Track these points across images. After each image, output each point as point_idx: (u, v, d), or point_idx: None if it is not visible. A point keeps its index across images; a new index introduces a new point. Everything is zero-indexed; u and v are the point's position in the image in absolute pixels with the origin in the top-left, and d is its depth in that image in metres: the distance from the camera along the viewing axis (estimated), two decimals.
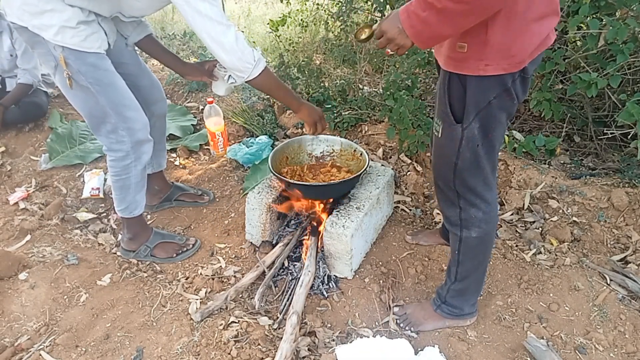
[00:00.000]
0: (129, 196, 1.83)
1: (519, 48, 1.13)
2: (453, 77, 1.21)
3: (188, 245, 2.02)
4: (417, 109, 2.33)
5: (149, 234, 1.99)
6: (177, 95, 3.41)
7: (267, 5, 5.67)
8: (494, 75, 1.15)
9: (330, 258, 1.82)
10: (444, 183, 1.40)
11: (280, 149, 2.04)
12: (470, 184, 1.35)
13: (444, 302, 1.60)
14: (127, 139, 1.70)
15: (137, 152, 1.75)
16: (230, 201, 2.33)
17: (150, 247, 1.97)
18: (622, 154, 2.34)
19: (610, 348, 1.55)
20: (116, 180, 1.79)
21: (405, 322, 1.65)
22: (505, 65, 1.14)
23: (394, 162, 2.49)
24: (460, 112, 1.24)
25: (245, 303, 1.75)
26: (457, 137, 1.26)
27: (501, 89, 1.18)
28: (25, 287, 1.81)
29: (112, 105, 1.64)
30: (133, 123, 1.70)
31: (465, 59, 1.16)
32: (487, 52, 1.12)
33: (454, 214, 1.42)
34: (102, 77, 1.60)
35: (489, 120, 1.24)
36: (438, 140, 1.33)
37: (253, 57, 1.55)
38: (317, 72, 3.10)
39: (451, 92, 1.23)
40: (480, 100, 1.20)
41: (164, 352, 1.56)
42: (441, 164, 1.37)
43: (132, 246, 1.97)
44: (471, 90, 1.19)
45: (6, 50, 2.91)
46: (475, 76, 1.16)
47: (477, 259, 1.50)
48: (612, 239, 1.96)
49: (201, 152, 2.82)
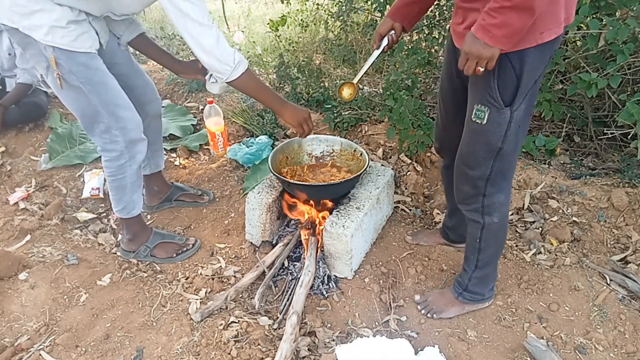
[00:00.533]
0: (126, 196, 1.83)
1: (565, 7, 1.17)
2: (503, 59, 1.20)
3: (188, 245, 2.02)
4: (417, 109, 2.33)
5: (148, 234, 1.98)
6: (177, 95, 3.41)
7: (267, 5, 5.67)
8: (548, 41, 1.18)
9: (330, 258, 1.82)
10: (476, 171, 1.40)
11: (280, 149, 2.04)
12: (504, 168, 1.38)
13: (466, 289, 1.63)
14: (120, 138, 1.69)
15: (131, 152, 1.74)
16: (230, 201, 2.33)
17: (150, 247, 1.96)
18: (622, 154, 2.34)
19: (610, 348, 1.55)
20: (112, 181, 1.79)
21: (426, 309, 1.68)
22: (556, 28, 1.18)
23: (394, 162, 2.49)
24: (509, 94, 1.25)
25: (245, 303, 1.75)
26: (506, 121, 1.28)
27: (548, 57, 1.23)
28: (25, 287, 1.81)
29: (104, 104, 1.63)
30: (126, 122, 1.69)
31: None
32: (541, 20, 1.14)
33: (476, 201, 1.44)
34: (94, 76, 1.59)
35: (533, 97, 1.29)
36: (480, 128, 1.32)
37: (233, 59, 1.55)
38: (317, 72, 3.10)
39: (501, 74, 1.23)
40: (533, 74, 1.23)
41: (164, 352, 1.56)
42: (480, 152, 1.36)
43: (132, 247, 1.96)
44: (528, 65, 1.21)
45: (5, 49, 2.91)
46: (533, 47, 1.18)
47: (497, 243, 1.55)
48: (612, 239, 1.96)
49: (201, 152, 2.82)
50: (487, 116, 1.30)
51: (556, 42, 1.23)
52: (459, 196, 1.51)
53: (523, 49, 1.19)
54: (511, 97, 1.26)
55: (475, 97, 1.32)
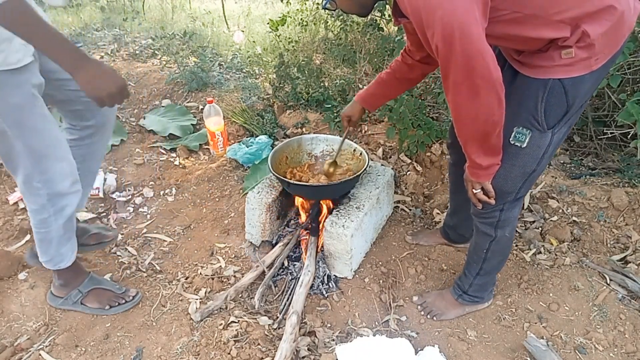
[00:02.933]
0: (51, 249, 1.58)
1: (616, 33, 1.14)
2: (555, 83, 1.15)
3: (127, 296, 1.75)
4: (417, 109, 2.33)
5: (83, 277, 1.74)
6: (177, 95, 3.41)
7: (267, 5, 5.67)
8: (604, 63, 1.14)
9: (330, 258, 1.82)
10: (504, 191, 1.35)
11: (279, 148, 2.03)
12: (529, 187, 1.37)
13: (465, 292, 1.64)
14: (42, 191, 1.45)
15: (56, 206, 1.49)
16: (230, 201, 2.33)
17: (83, 292, 1.71)
18: (622, 154, 2.34)
19: (610, 348, 1.55)
20: (35, 232, 1.56)
21: (426, 310, 1.68)
22: (607, 51, 1.13)
23: (394, 161, 2.49)
24: (555, 119, 1.20)
25: (245, 303, 1.75)
26: (546, 144, 1.24)
27: (602, 78, 1.20)
28: (24, 287, 1.81)
29: (30, 152, 1.37)
30: (53, 174, 1.43)
31: (575, 62, 1.13)
32: (596, 48, 1.11)
33: (493, 215, 1.42)
34: (24, 119, 1.31)
35: (576, 117, 1.26)
36: (518, 151, 1.26)
37: None
38: (317, 72, 3.10)
39: (550, 100, 1.18)
40: (585, 98, 1.20)
41: (163, 352, 1.56)
42: (511, 175, 1.30)
43: (62, 292, 1.71)
44: (583, 91, 1.17)
45: None
46: (588, 74, 1.13)
47: (503, 254, 1.55)
48: (612, 238, 1.96)
49: (201, 152, 2.82)
50: (529, 139, 1.23)
51: (615, 57, 1.17)
52: (475, 209, 1.46)
53: (579, 76, 1.13)
54: (556, 120, 1.21)
55: (515, 119, 1.23)
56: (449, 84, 1.10)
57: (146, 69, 3.72)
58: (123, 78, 1.20)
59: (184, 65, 3.48)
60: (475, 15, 0.99)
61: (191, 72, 3.34)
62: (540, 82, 1.17)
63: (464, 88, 1.07)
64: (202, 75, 3.35)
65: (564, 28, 1.08)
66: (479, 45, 1.00)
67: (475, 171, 1.29)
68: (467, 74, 1.04)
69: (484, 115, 1.11)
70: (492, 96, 1.08)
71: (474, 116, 1.12)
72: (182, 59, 3.63)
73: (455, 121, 1.19)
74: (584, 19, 1.07)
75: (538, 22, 1.08)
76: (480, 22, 1.00)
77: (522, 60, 1.22)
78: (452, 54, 1.02)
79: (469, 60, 1.02)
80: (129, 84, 3.57)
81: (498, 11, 1.07)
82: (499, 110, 1.11)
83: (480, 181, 1.31)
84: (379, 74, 1.65)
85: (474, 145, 1.22)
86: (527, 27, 1.10)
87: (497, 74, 1.06)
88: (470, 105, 1.10)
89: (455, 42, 0.99)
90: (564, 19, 1.07)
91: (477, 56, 1.01)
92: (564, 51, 1.12)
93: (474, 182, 1.33)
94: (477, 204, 1.39)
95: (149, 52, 4.13)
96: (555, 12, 1.06)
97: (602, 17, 1.07)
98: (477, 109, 1.11)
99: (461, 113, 1.15)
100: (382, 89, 1.67)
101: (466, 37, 0.98)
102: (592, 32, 1.07)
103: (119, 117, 3.20)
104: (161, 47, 4.15)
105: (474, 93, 1.07)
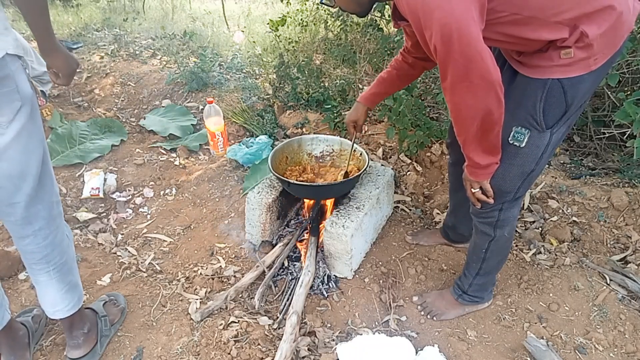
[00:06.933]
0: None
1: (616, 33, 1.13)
2: (554, 83, 1.15)
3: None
4: (417, 109, 2.33)
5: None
6: (177, 95, 3.41)
7: (267, 5, 5.67)
8: (605, 62, 1.14)
9: (330, 258, 1.82)
10: (503, 190, 1.36)
11: (279, 149, 2.04)
12: (529, 187, 1.37)
13: (465, 292, 1.64)
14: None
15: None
16: (230, 201, 2.33)
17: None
18: (622, 154, 2.34)
19: (610, 348, 1.55)
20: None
21: (426, 310, 1.69)
22: (606, 51, 1.13)
23: (394, 162, 2.49)
24: (554, 118, 1.20)
25: (245, 303, 1.75)
26: (544, 144, 1.24)
27: (602, 77, 1.19)
28: (25, 287, 1.81)
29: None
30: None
31: (574, 62, 1.13)
32: (595, 48, 1.11)
33: (492, 215, 1.42)
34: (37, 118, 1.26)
35: (575, 117, 1.26)
36: (517, 151, 1.27)
37: None
38: (317, 72, 3.10)
39: (549, 99, 1.17)
40: (585, 98, 1.20)
41: (163, 352, 1.56)
42: (510, 175, 1.31)
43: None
44: (581, 91, 1.16)
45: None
46: (587, 74, 1.13)
47: (502, 254, 1.55)
48: (612, 238, 1.96)
49: (201, 152, 2.82)
50: (527, 139, 1.24)
51: (615, 57, 1.17)
52: (474, 209, 1.46)
53: (577, 76, 1.13)
54: (555, 120, 1.21)
55: (514, 119, 1.23)
56: (447, 84, 1.10)
57: (146, 69, 3.73)
58: (78, 63, 1.33)
59: (184, 65, 3.48)
60: (473, 16, 0.99)
61: (191, 72, 3.35)
62: (539, 82, 1.17)
63: (463, 88, 1.08)
64: (202, 75, 3.35)
65: (562, 29, 1.08)
66: (477, 46, 1.01)
67: (474, 170, 1.29)
68: (466, 74, 1.04)
69: (483, 115, 1.12)
70: (491, 96, 1.08)
71: (473, 116, 1.12)
72: (182, 59, 3.63)
73: (455, 121, 1.19)
74: (582, 19, 1.07)
75: (537, 24, 1.08)
76: (478, 23, 1.00)
77: (522, 60, 1.22)
78: (450, 55, 1.02)
79: (468, 60, 1.02)
80: (130, 84, 3.57)
81: (497, 13, 1.07)
82: (498, 109, 1.11)
83: (479, 180, 1.32)
84: (379, 75, 1.66)
85: (472, 144, 1.22)
86: (526, 29, 1.10)
87: (496, 73, 1.06)
88: (469, 105, 1.11)
89: (453, 42, 0.99)
90: (562, 20, 1.07)
91: (475, 56, 1.01)
92: (563, 51, 1.12)
93: (472, 182, 1.34)
94: (476, 204, 1.39)
95: (149, 52, 4.13)
96: (554, 14, 1.06)
97: (600, 17, 1.07)
98: (476, 109, 1.11)
99: (460, 113, 1.15)
100: (384, 87, 1.68)
101: (464, 38, 0.99)
102: (591, 32, 1.07)
103: (119, 117, 3.20)
104: (161, 47, 4.15)
105: (473, 93, 1.07)
